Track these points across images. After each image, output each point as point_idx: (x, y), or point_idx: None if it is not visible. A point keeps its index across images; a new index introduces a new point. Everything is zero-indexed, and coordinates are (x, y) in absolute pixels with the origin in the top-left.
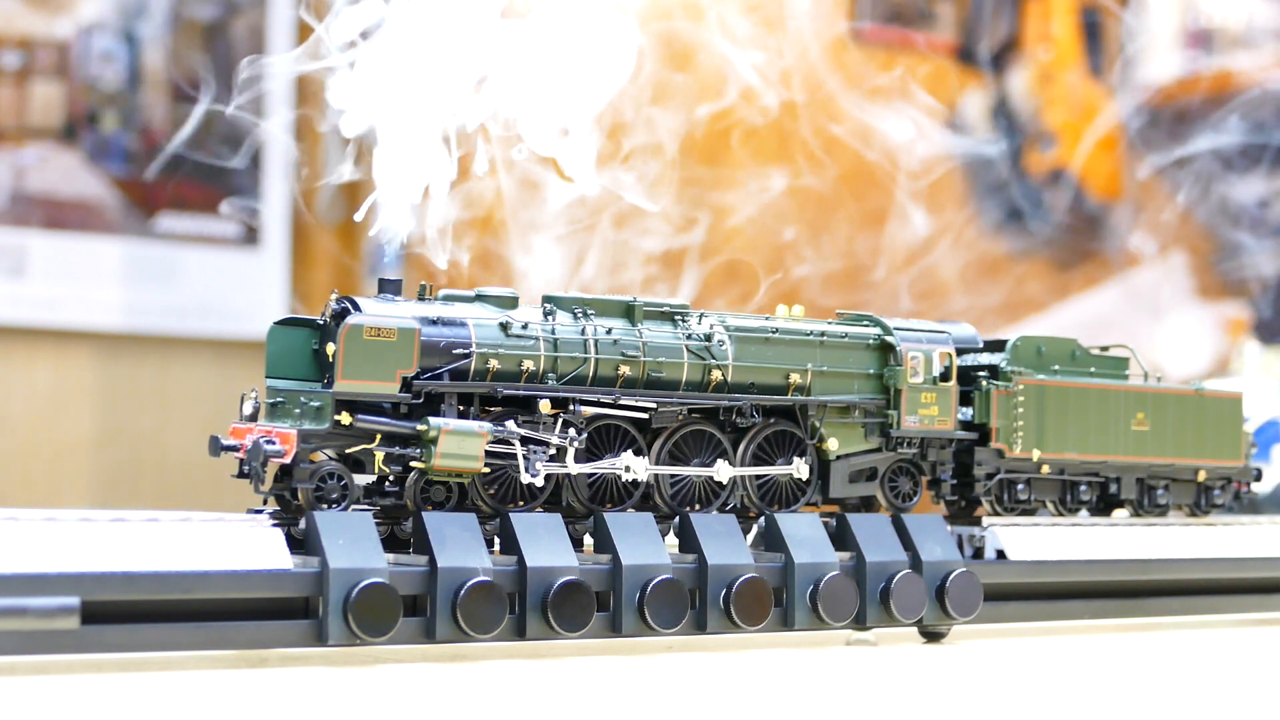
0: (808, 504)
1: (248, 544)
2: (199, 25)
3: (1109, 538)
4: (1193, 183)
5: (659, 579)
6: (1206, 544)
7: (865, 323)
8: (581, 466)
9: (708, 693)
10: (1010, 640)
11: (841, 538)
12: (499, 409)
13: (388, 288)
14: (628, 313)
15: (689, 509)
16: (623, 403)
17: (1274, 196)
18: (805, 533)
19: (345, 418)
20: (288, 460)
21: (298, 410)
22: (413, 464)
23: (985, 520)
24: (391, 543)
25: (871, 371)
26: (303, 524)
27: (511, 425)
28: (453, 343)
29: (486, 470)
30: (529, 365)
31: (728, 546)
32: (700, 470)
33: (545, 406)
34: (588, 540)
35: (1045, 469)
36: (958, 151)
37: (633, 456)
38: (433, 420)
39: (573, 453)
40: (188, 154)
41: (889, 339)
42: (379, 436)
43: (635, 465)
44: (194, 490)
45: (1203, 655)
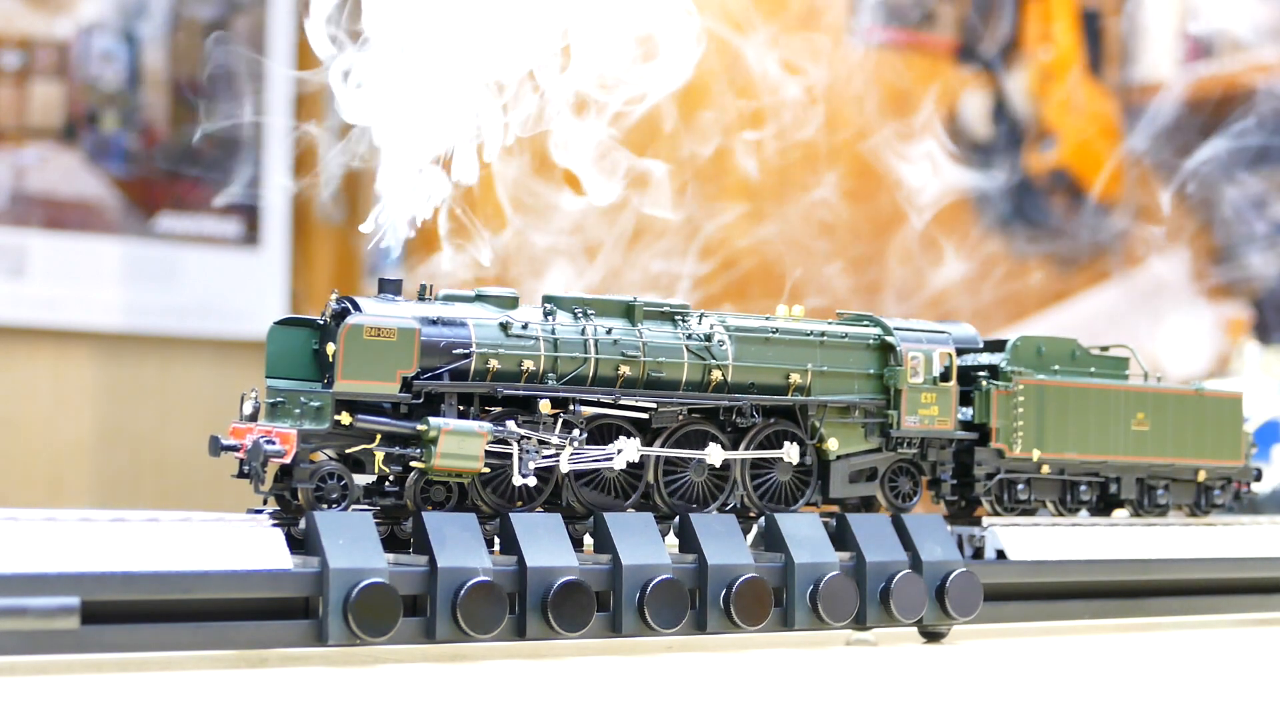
0: (808, 504)
1: (248, 544)
2: (199, 25)
3: (1109, 538)
4: (1193, 183)
5: (659, 579)
6: (1206, 544)
7: (865, 323)
8: (575, 465)
9: (708, 693)
10: (1010, 640)
11: (841, 538)
12: (499, 409)
13: (388, 288)
14: (628, 313)
15: (689, 509)
16: (623, 403)
17: (1274, 196)
18: (805, 533)
19: (345, 418)
20: (288, 460)
21: (298, 410)
22: (413, 464)
23: (985, 520)
24: (391, 543)
25: (871, 371)
26: (303, 524)
27: (511, 425)
28: (453, 343)
29: (486, 470)
30: (529, 365)
31: (728, 546)
32: (693, 453)
33: (545, 406)
34: (588, 540)
35: (1045, 469)
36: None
37: (625, 440)
38: (433, 420)
39: (569, 453)
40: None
41: (889, 339)
42: (379, 436)
43: (627, 447)
44: (194, 490)
45: (1203, 655)
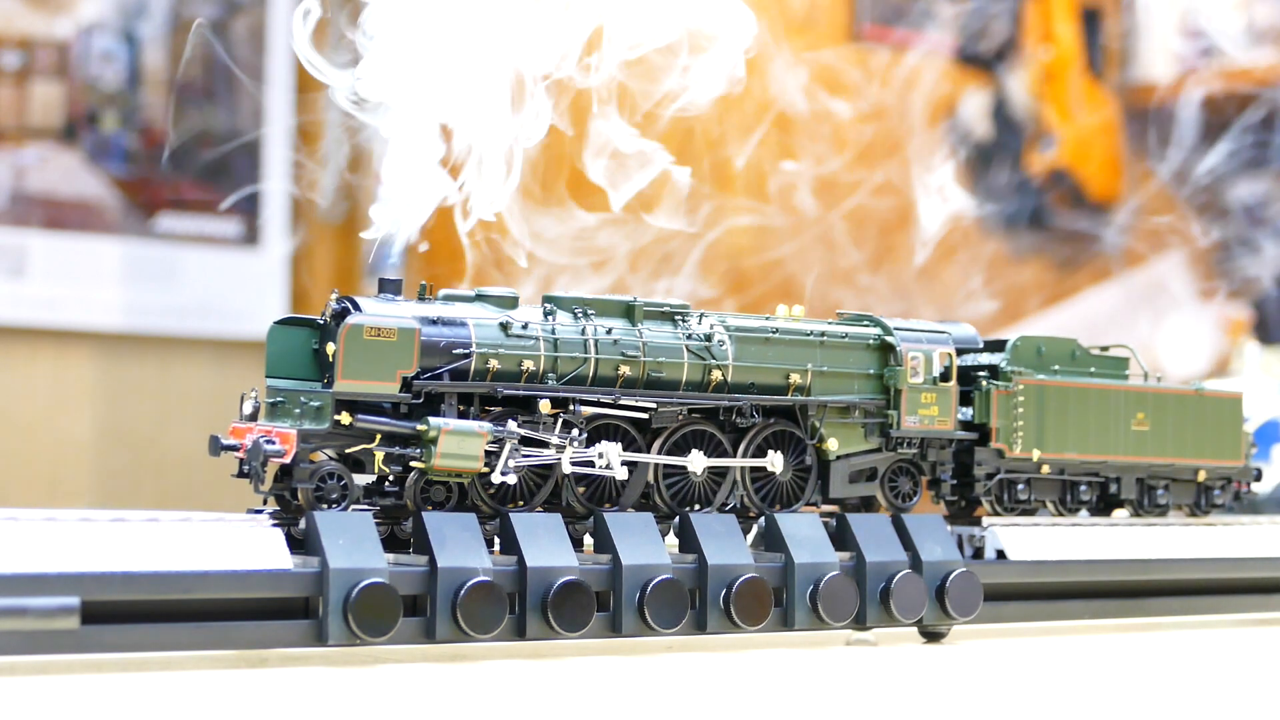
0: (808, 504)
1: (248, 544)
2: (200, 23)
3: (1109, 538)
4: (1194, 182)
5: (659, 579)
6: (1206, 544)
7: (865, 323)
8: (565, 467)
9: (708, 693)
10: (1010, 640)
11: (841, 538)
12: (499, 409)
13: (388, 288)
14: (628, 313)
15: (689, 509)
16: (623, 403)
17: (1274, 196)
18: (805, 533)
19: (345, 418)
20: (288, 460)
21: (298, 410)
22: (413, 464)
23: (985, 520)
24: (391, 543)
25: (871, 371)
26: (303, 524)
27: (512, 425)
28: (453, 343)
29: (486, 470)
30: (529, 365)
31: (728, 546)
32: (677, 460)
33: (545, 406)
34: (588, 540)
35: (1045, 469)
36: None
37: (612, 451)
38: (433, 420)
39: (570, 453)
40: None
41: (889, 339)
42: (379, 436)
43: (610, 453)
44: (194, 490)
45: (1203, 655)
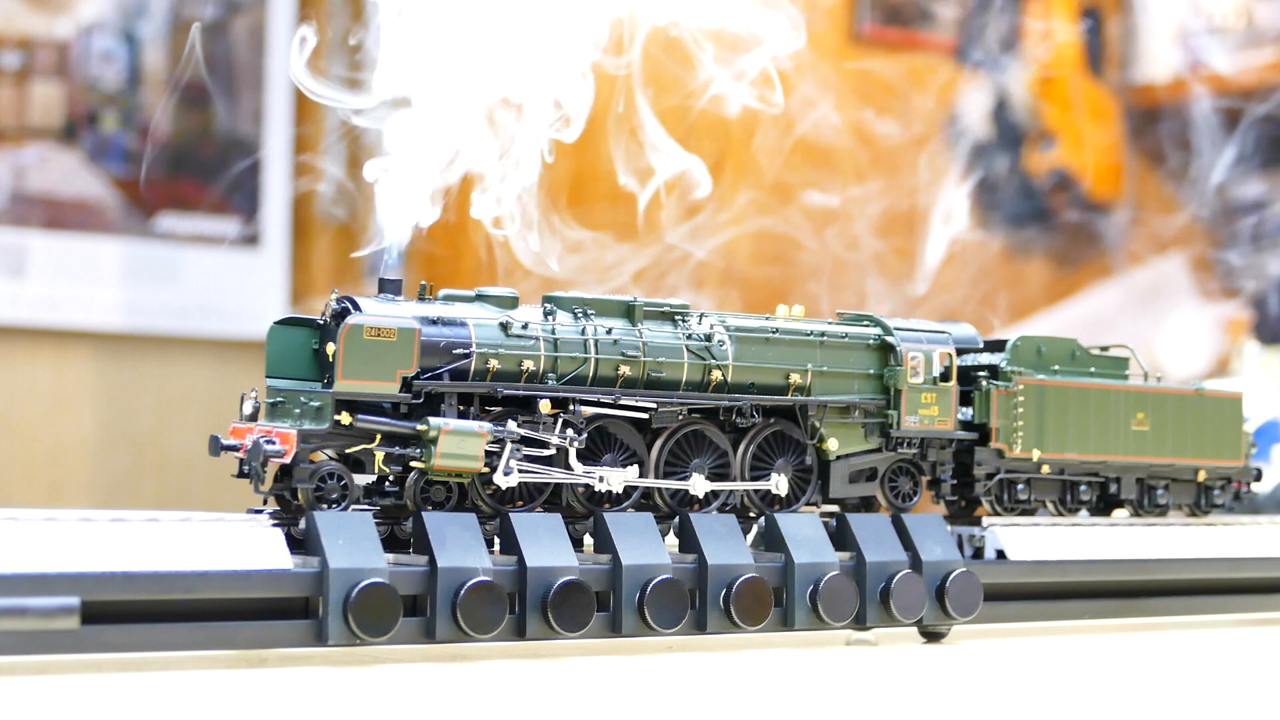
0: (808, 504)
1: (248, 544)
2: (199, 25)
3: (1109, 538)
4: (1193, 182)
5: (659, 579)
6: (1206, 544)
7: (865, 323)
8: (561, 476)
9: (708, 693)
10: (1010, 640)
11: (841, 538)
12: (499, 409)
13: (388, 288)
14: (628, 313)
15: (689, 509)
16: (623, 403)
17: (1274, 196)
18: (805, 533)
19: (345, 418)
20: (288, 460)
21: (298, 410)
22: (413, 464)
23: (985, 520)
24: (391, 543)
25: (872, 371)
26: (303, 524)
27: (511, 425)
28: (453, 343)
29: (486, 470)
30: (529, 365)
31: (728, 546)
32: (677, 484)
33: (545, 406)
34: (588, 540)
35: (1045, 469)
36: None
37: (610, 471)
38: (433, 420)
39: (573, 453)
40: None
41: (889, 339)
42: (379, 436)
43: (611, 478)
44: (194, 490)
45: (1203, 655)
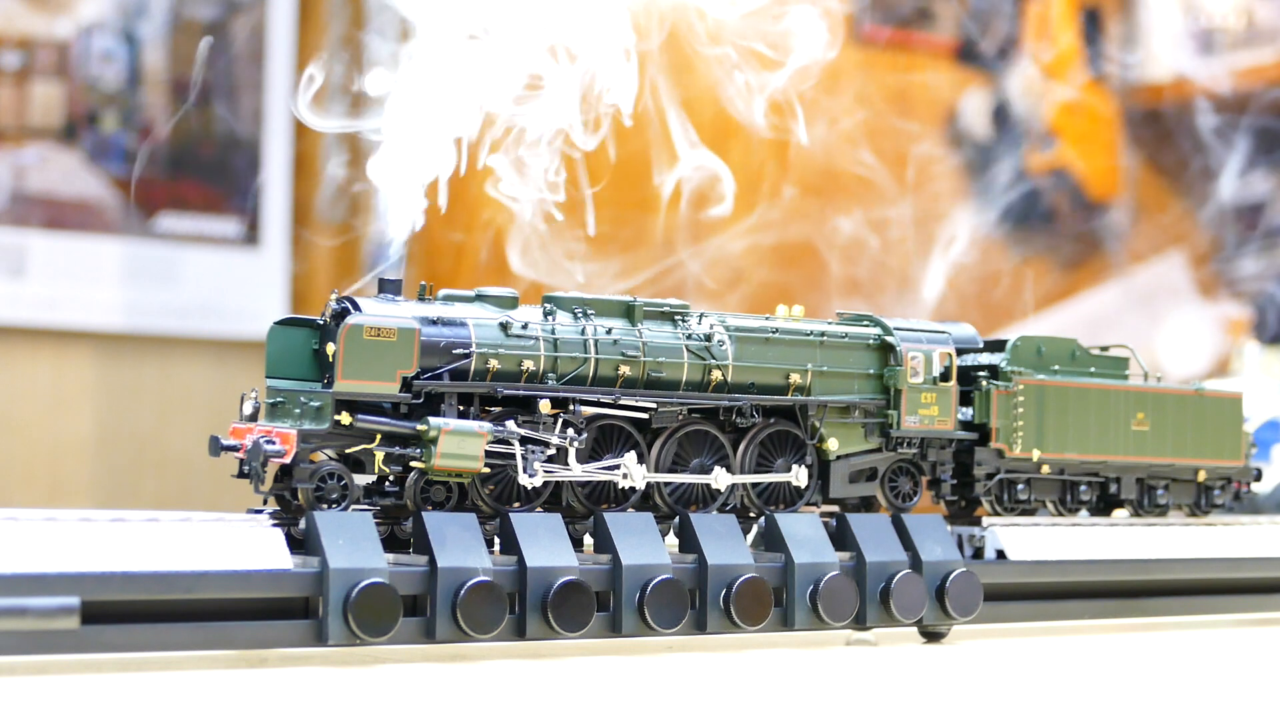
0: (808, 504)
1: (248, 544)
2: (199, 25)
3: (1109, 538)
4: (1193, 182)
5: (659, 579)
6: (1206, 544)
7: (865, 323)
8: (582, 474)
9: (708, 693)
10: (1010, 640)
11: (841, 538)
12: (499, 409)
13: (388, 288)
14: (628, 313)
15: (688, 509)
16: (623, 403)
17: (1275, 196)
18: (805, 533)
19: (345, 418)
20: (288, 460)
21: (298, 410)
22: (413, 464)
23: (985, 520)
24: (391, 543)
25: (872, 371)
26: (303, 524)
27: (511, 425)
28: (453, 343)
29: (486, 470)
30: (529, 365)
31: (728, 546)
32: (698, 478)
33: (545, 406)
34: (588, 540)
35: (1045, 469)
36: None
37: (633, 463)
38: (433, 420)
39: (573, 453)
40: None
41: (889, 339)
42: (379, 436)
43: (634, 473)
44: (194, 490)
45: (1203, 655)
